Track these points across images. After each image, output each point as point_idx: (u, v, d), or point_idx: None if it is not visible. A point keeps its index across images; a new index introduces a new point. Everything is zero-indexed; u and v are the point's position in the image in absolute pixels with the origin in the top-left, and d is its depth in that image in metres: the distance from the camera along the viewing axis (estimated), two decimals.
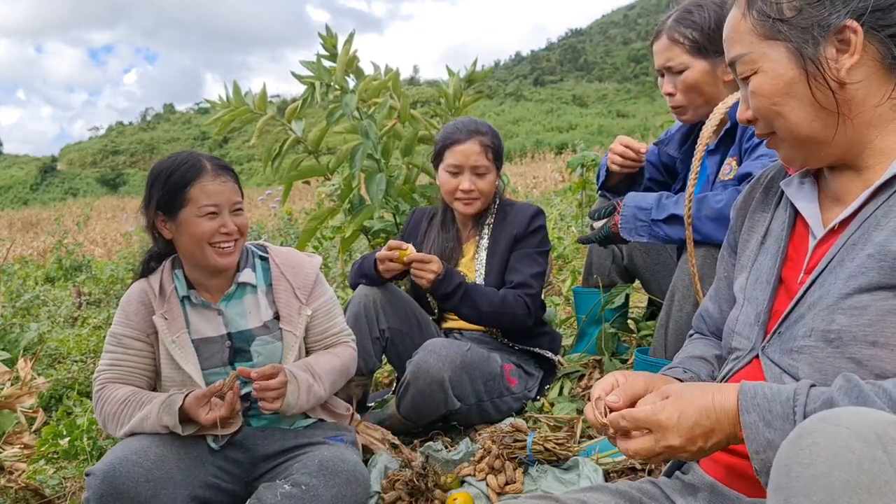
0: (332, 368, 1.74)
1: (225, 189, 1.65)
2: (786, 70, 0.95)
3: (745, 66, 0.99)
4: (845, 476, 0.63)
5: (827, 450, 0.65)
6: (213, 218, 1.63)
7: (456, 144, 2.24)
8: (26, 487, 1.95)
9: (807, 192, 1.05)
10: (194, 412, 1.51)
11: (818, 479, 0.64)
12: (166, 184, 1.64)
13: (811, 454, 0.65)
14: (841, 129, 0.95)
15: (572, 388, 2.30)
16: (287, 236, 6.31)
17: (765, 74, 0.97)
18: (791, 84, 0.95)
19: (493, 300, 2.16)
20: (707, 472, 1.05)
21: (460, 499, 1.59)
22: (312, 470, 1.51)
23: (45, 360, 3.34)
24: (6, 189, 47.25)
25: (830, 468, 0.64)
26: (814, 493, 0.64)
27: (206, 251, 1.65)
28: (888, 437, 0.64)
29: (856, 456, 0.63)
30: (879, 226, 0.90)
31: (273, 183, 4.48)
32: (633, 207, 1.89)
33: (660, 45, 1.98)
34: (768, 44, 0.96)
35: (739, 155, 1.92)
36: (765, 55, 0.97)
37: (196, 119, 66.58)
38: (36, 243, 11.67)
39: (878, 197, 0.92)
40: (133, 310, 1.69)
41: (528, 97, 61.21)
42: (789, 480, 0.66)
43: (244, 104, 3.14)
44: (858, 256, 0.90)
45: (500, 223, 2.31)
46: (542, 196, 9.24)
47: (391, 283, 2.23)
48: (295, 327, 1.74)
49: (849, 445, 0.64)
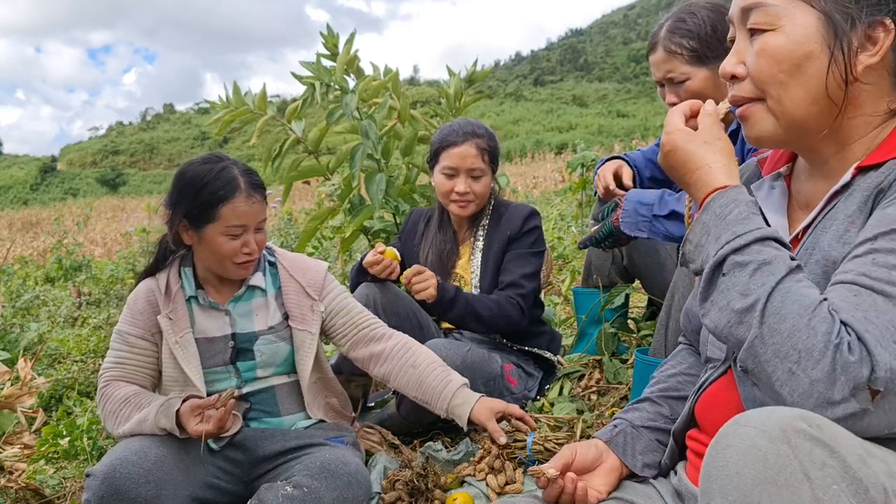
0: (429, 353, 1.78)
1: (254, 210, 1.63)
2: (808, 40, 0.88)
3: (764, 17, 0.91)
4: (754, 473, 0.66)
5: (737, 450, 0.68)
6: (237, 238, 1.63)
7: (452, 147, 2.23)
8: (26, 487, 1.95)
9: (776, 199, 1.03)
10: (185, 420, 1.51)
11: (731, 478, 0.67)
12: (197, 197, 1.61)
13: (724, 456, 0.69)
14: (835, 123, 0.91)
15: (572, 388, 2.30)
16: (287, 236, 6.31)
17: (784, 36, 0.89)
18: (808, 57, 0.88)
19: (489, 305, 2.16)
20: (691, 481, 1.05)
21: (460, 499, 1.59)
22: (314, 471, 1.50)
23: (44, 360, 3.34)
24: (6, 189, 47.24)
25: (741, 467, 0.67)
26: (729, 492, 0.67)
27: (226, 265, 1.66)
28: (792, 430, 0.67)
29: (762, 452, 0.66)
30: (825, 230, 0.90)
31: (273, 183, 4.46)
32: (634, 202, 1.89)
33: (657, 57, 1.96)
34: (800, 5, 0.88)
35: (741, 155, 1.92)
36: (792, 16, 0.89)
37: (196, 119, 66.58)
38: (36, 243, 11.68)
39: (832, 202, 0.92)
40: (139, 308, 1.70)
41: (528, 97, 61.22)
42: (709, 483, 0.70)
43: (244, 104, 3.15)
44: (809, 263, 0.90)
45: (494, 224, 2.31)
46: (542, 196, 9.25)
47: (391, 283, 2.23)
48: (309, 325, 1.74)
49: (755, 444, 0.67)
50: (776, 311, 0.78)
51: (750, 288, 0.80)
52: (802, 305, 0.77)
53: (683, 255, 0.92)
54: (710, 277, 0.85)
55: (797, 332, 0.76)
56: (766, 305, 0.78)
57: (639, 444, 1.13)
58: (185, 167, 1.67)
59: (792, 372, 0.75)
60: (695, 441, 1.06)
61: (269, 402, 1.74)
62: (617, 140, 15.98)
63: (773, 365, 0.77)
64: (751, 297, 0.80)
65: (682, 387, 1.18)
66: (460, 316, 2.14)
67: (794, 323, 0.76)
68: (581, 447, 1.11)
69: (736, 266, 0.83)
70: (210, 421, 1.50)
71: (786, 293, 0.79)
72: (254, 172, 1.68)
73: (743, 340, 0.80)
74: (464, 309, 2.12)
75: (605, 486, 1.09)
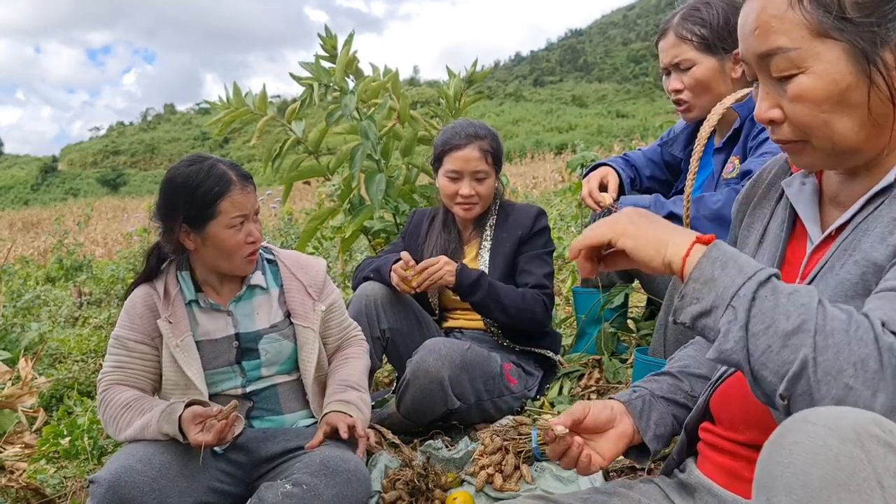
0: (364, 369, 1.85)
1: (249, 198, 1.69)
2: (843, 75, 0.85)
3: (788, 62, 0.87)
4: (823, 474, 0.63)
5: (806, 448, 0.65)
6: (240, 229, 1.67)
7: (455, 150, 2.23)
8: (27, 487, 1.96)
9: (807, 195, 1.02)
10: (186, 427, 1.51)
11: (798, 477, 0.64)
12: (193, 199, 1.63)
13: (791, 453, 0.66)
14: (882, 140, 0.90)
15: (572, 387, 2.31)
16: (287, 236, 6.31)
17: (816, 77, 0.86)
18: (847, 91, 0.86)
19: (514, 296, 2.15)
20: (704, 474, 1.05)
21: (460, 498, 1.59)
22: (314, 469, 1.51)
23: (45, 359, 3.34)
24: (7, 189, 47.27)
25: (810, 466, 0.64)
26: (794, 491, 0.64)
27: (234, 259, 1.69)
28: (866, 434, 0.64)
29: (833, 453, 0.64)
30: (868, 232, 0.89)
31: (273, 183, 4.48)
32: (630, 206, 1.90)
33: (667, 42, 1.97)
34: (822, 42, 0.85)
35: (743, 153, 1.93)
36: (817, 55, 0.86)
37: (197, 119, 66.58)
38: (37, 243, 11.68)
39: (874, 203, 0.91)
40: (138, 313, 1.70)
41: (527, 97, 61.22)
42: (771, 480, 0.67)
43: (244, 105, 3.15)
44: (847, 263, 0.88)
45: (502, 224, 2.31)
46: (542, 196, 9.25)
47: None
48: (312, 323, 1.77)
49: (826, 443, 0.64)
50: (822, 329, 0.75)
51: (791, 310, 0.76)
52: (841, 320, 0.75)
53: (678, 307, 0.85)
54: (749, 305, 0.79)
55: (847, 346, 0.73)
56: (816, 324, 0.75)
57: (654, 413, 1.11)
58: (172, 173, 1.68)
59: (850, 387, 0.72)
60: (709, 433, 1.06)
61: (271, 400, 1.75)
62: (616, 140, 15.96)
63: (827, 383, 0.73)
64: (795, 317, 0.76)
65: (702, 367, 1.17)
66: (483, 301, 2.13)
67: (840, 338, 0.74)
68: (596, 406, 1.09)
69: (769, 292, 0.79)
70: (211, 431, 1.50)
71: (825, 311, 0.76)
72: (238, 165, 1.74)
73: (784, 366, 0.76)
74: (487, 294, 2.12)
75: (611, 452, 1.07)
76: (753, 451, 0.99)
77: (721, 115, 1.61)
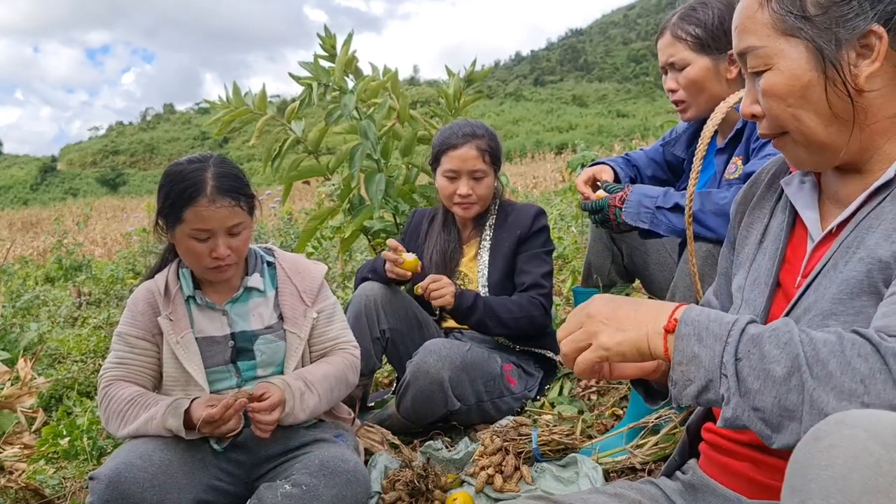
0: (326, 375, 1.70)
1: (219, 214, 1.58)
2: (803, 71, 0.91)
3: (758, 59, 0.94)
4: (864, 479, 0.62)
5: (845, 452, 0.63)
6: (204, 242, 1.61)
7: (452, 149, 2.23)
8: (26, 487, 1.95)
9: (807, 193, 1.03)
10: (196, 410, 1.51)
11: (836, 481, 0.63)
12: (167, 196, 1.61)
13: (829, 456, 0.64)
14: (855, 136, 0.92)
15: (572, 388, 2.31)
16: (287, 236, 6.31)
17: (780, 73, 0.92)
18: (807, 87, 0.91)
19: (510, 307, 2.16)
20: (706, 474, 1.05)
21: (460, 499, 1.59)
22: (313, 470, 1.51)
23: (45, 360, 3.34)
24: (6, 189, 47.28)
25: (849, 471, 0.62)
26: (832, 495, 0.63)
27: (197, 268, 1.67)
28: None
29: (874, 459, 0.62)
30: (871, 228, 0.89)
31: (273, 183, 4.48)
32: (639, 194, 1.90)
33: (663, 41, 1.99)
34: (786, 40, 0.91)
35: (746, 154, 1.92)
36: (781, 52, 0.92)
37: (196, 119, 66.60)
38: (36, 243, 11.68)
39: (875, 199, 0.91)
40: (140, 310, 1.70)
41: (527, 97, 61.25)
42: (806, 482, 0.65)
43: (244, 104, 3.14)
44: (851, 260, 0.89)
45: (501, 223, 2.31)
46: (542, 196, 9.25)
47: (393, 284, 2.23)
48: (300, 329, 1.74)
49: (867, 448, 0.63)
50: (816, 358, 0.74)
51: (776, 354, 0.76)
52: (832, 343, 0.75)
53: (675, 395, 0.85)
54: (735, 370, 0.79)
55: (848, 367, 0.73)
56: (807, 357, 0.75)
57: None
58: (170, 166, 1.68)
59: (866, 405, 0.72)
60: (711, 433, 1.07)
61: None
62: (617, 140, 15.98)
63: (844, 408, 0.72)
64: (785, 359, 0.76)
65: None
66: (481, 321, 2.15)
67: (838, 360, 0.73)
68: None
69: (751, 345, 0.79)
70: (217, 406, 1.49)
71: (809, 340, 0.76)
72: (229, 177, 1.62)
73: (796, 410, 0.75)
74: (483, 314, 2.13)
75: (635, 371, 1.03)
76: (756, 451, 0.98)
77: (723, 115, 1.61)
